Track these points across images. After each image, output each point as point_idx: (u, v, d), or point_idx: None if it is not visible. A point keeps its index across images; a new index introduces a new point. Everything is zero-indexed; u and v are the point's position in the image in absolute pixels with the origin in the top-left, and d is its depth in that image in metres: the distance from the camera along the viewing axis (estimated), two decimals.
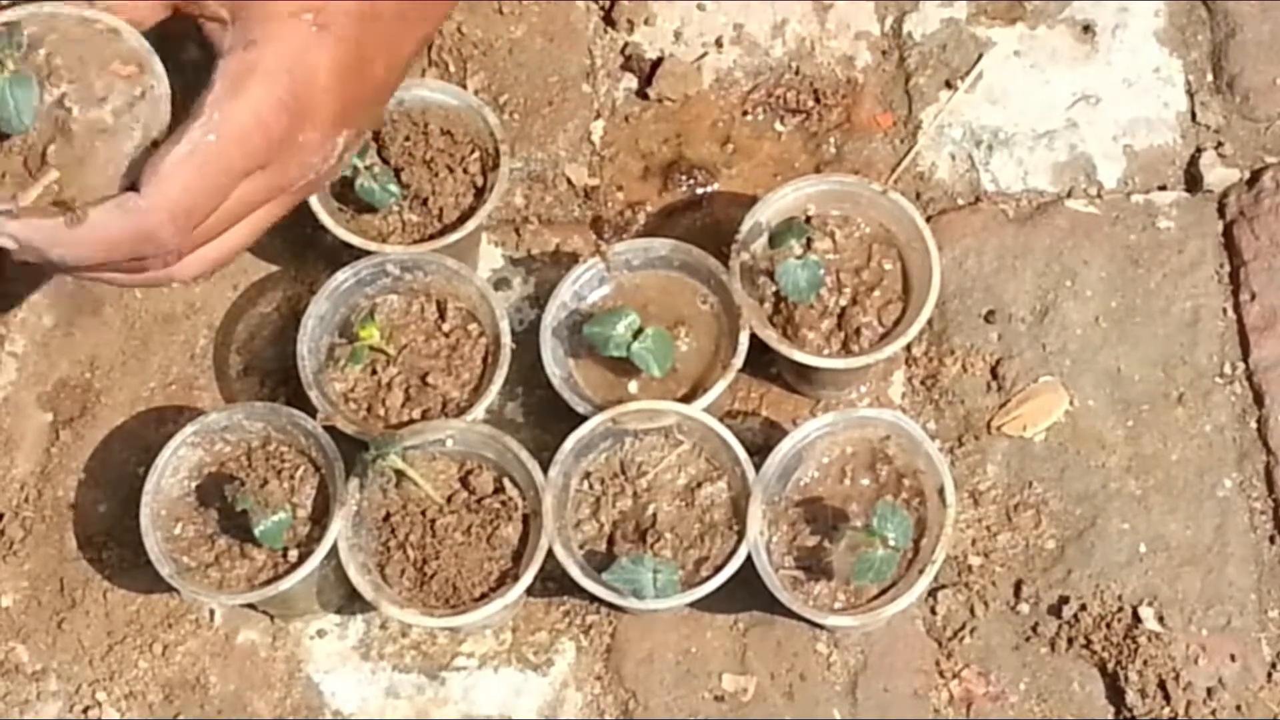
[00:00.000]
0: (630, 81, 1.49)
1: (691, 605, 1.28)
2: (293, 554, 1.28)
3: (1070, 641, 1.31)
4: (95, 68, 1.09)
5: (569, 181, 1.46)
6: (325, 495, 1.29)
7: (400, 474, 1.27)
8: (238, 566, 1.28)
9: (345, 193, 1.36)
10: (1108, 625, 1.31)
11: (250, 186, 1.09)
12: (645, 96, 1.49)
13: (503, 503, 1.29)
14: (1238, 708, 1.28)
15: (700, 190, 1.46)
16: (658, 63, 1.49)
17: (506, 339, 1.33)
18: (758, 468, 1.27)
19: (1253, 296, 1.39)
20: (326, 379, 1.33)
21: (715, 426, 1.28)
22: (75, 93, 1.08)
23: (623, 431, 1.30)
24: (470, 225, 1.35)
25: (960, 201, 1.44)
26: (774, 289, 1.32)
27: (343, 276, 1.34)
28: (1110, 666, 1.30)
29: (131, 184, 1.06)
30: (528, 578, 1.25)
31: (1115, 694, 1.30)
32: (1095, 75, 1.47)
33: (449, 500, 1.29)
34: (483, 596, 1.27)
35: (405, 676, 1.33)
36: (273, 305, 1.43)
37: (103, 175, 1.07)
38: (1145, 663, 1.29)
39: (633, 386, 1.33)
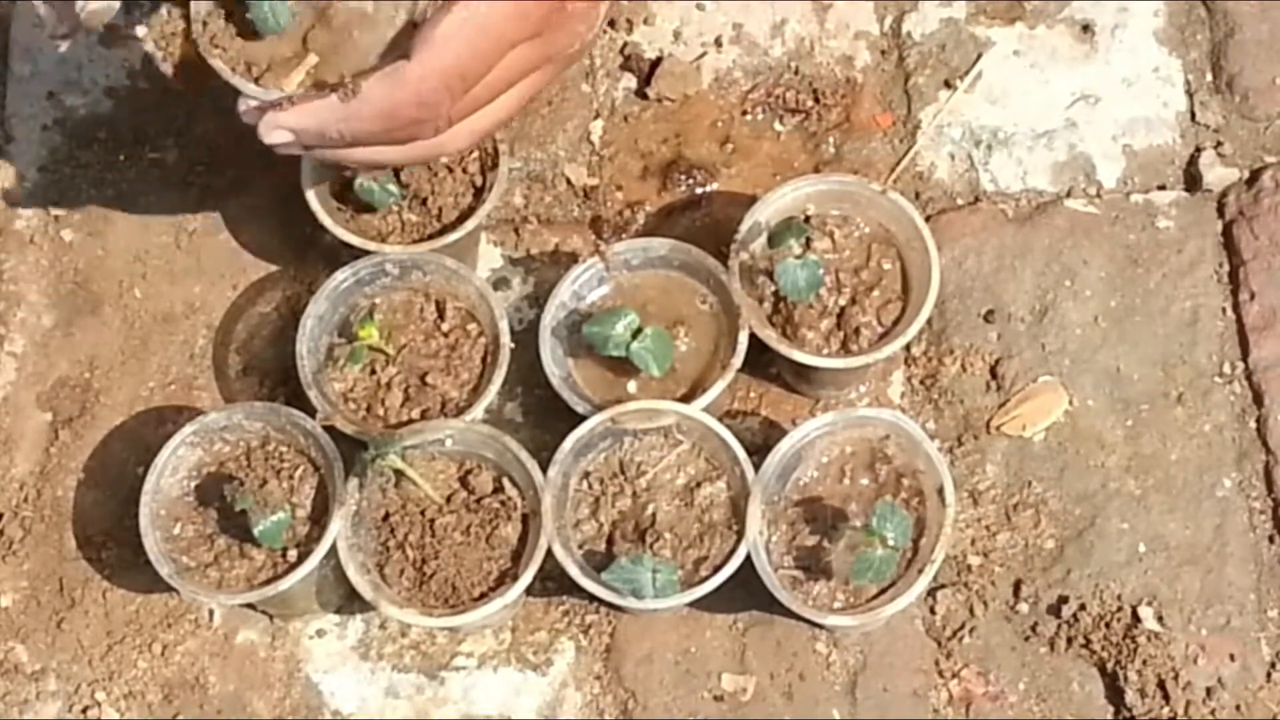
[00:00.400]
0: (629, 81, 1.49)
1: (691, 605, 1.28)
2: (292, 554, 1.28)
3: (1070, 641, 1.31)
4: None
5: (568, 181, 1.46)
6: (324, 495, 1.29)
7: (399, 474, 1.27)
8: (237, 566, 1.28)
9: (344, 192, 1.36)
10: (1107, 625, 1.31)
11: (519, 55, 1.11)
12: (644, 96, 1.49)
13: (502, 502, 1.29)
14: (1237, 707, 1.28)
15: (699, 190, 1.46)
16: (657, 62, 1.49)
17: (506, 339, 1.33)
18: (757, 467, 1.27)
19: (1252, 296, 1.39)
20: (326, 379, 1.33)
21: (714, 426, 1.28)
22: None
23: (622, 431, 1.30)
24: (469, 225, 1.35)
25: (959, 201, 1.44)
26: (773, 289, 1.32)
27: (342, 276, 1.34)
28: (1110, 666, 1.30)
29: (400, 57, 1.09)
30: (527, 577, 1.25)
31: (1114, 694, 1.30)
32: (1095, 75, 1.47)
33: (448, 500, 1.29)
34: (482, 596, 1.27)
35: (404, 676, 1.33)
36: (272, 305, 1.43)
37: (362, 59, 1.10)
38: (1144, 662, 1.29)
39: (632, 386, 1.33)
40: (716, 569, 1.26)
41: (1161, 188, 1.44)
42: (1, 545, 1.37)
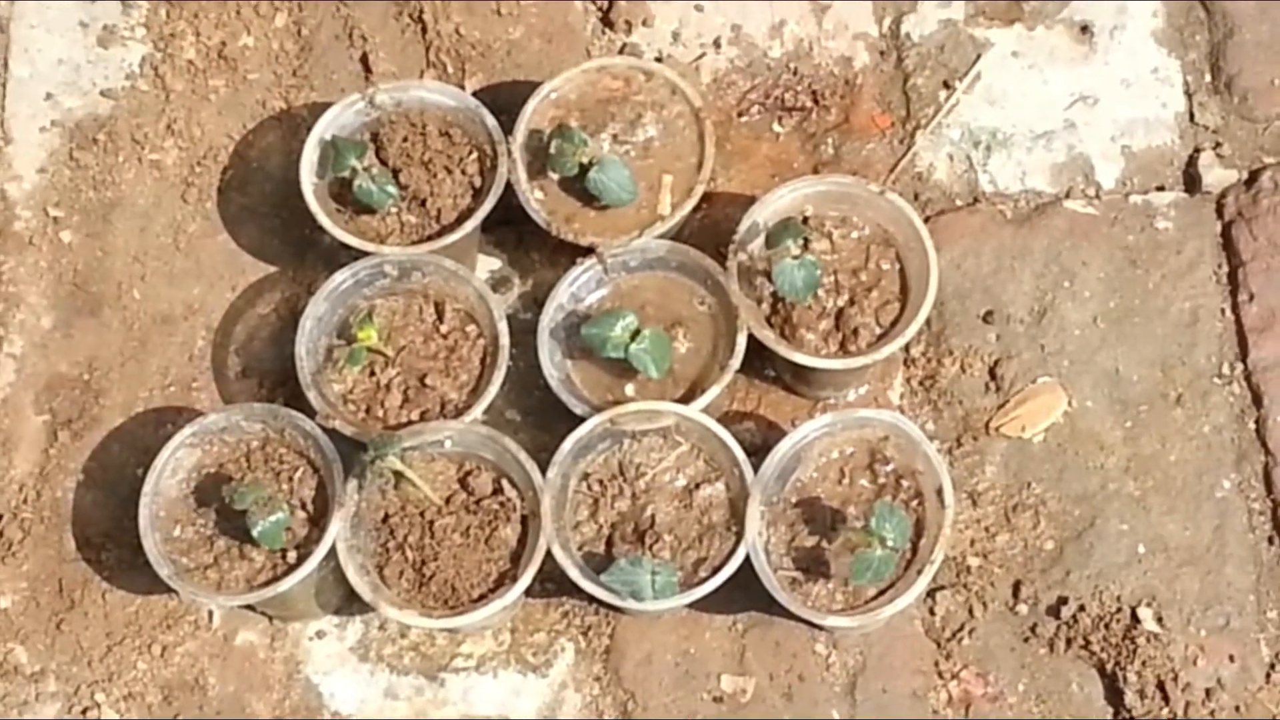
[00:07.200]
0: None
1: (690, 606, 1.28)
2: (291, 555, 1.28)
3: (1069, 642, 1.31)
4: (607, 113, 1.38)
5: None
6: (324, 496, 1.29)
7: (399, 475, 1.27)
8: (236, 568, 1.28)
9: (343, 194, 1.37)
10: (1106, 626, 1.31)
11: None
12: None
13: (501, 504, 1.29)
14: (1236, 708, 1.28)
15: None
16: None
17: (505, 340, 1.33)
18: (756, 468, 1.27)
19: (1251, 297, 1.39)
20: (325, 380, 1.33)
21: (714, 427, 1.28)
22: (619, 130, 1.37)
23: (621, 433, 1.30)
24: (468, 226, 1.35)
25: (958, 202, 1.44)
26: (771, 289, 1.32)
27: (341, 277, 1.34)
28: (1109, 667, 1.30)
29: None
30: (526, 579, 1.25)
31: (1114, 694, 1.30)
32: (1093, 76, 1.47)
33: (447, 501, 1.29)
34: (481, 597, 1.27)
35: (404, 678, 1.33)
36: (271, 306, 1.43)
37: (685, 149, 1.38)
38: (1144, 663, 1.29)
39: (630, 388, 1.33)
40: (716, 570, 1.26)
41: (1160, 188, 1.44)
42: (1, 546, 1.37)
